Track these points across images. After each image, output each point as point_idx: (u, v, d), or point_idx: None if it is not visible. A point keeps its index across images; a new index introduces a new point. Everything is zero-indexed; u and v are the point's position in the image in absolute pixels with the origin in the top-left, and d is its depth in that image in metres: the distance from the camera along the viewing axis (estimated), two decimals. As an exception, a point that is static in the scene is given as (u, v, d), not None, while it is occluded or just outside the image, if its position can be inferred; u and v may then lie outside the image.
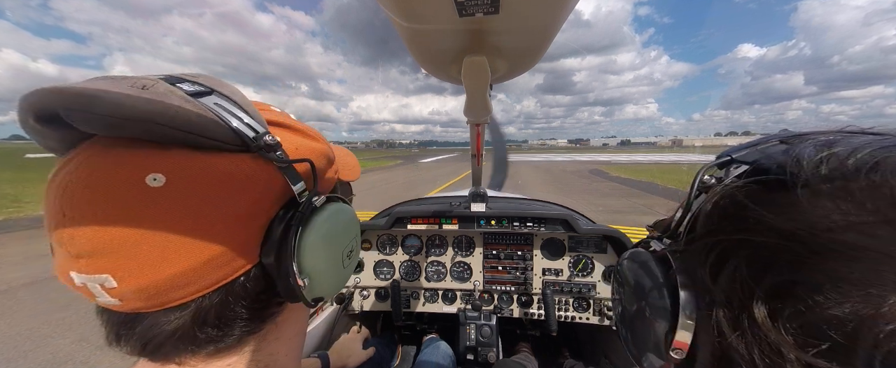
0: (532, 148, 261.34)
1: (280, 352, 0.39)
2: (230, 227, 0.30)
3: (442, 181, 16.34)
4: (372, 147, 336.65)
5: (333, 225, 0.38)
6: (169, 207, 0.27)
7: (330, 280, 0.38)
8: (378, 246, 1.55)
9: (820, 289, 0.18)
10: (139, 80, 0.27)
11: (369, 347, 1.20)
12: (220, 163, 0.29)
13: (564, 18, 0.39)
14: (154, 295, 0.28)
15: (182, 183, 0.28)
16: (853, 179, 0.19)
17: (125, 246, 0.27)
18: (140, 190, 0.26)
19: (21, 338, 2.93)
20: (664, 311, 0.28)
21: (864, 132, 0.22)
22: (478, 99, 0.58)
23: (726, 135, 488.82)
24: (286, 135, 0.37)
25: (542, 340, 1.71)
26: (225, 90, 0.32)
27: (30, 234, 6.23)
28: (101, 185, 0.26)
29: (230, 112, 0.30)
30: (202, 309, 0.31)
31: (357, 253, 0.46)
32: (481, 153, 1.03)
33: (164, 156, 0.28)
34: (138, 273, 0.27)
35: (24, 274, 4.26)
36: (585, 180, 16.51)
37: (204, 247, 0.29)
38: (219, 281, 0.30)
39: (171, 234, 0.27)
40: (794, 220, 0.20)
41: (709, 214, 0.26)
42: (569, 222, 1.34)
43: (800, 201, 0.20)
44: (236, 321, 0.33)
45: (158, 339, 0.30)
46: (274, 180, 0.33)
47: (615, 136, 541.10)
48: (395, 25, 0.40)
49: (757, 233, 0.22)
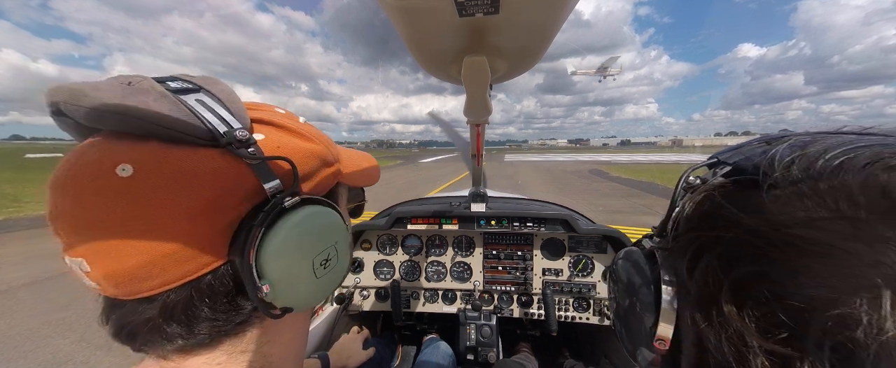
0: (532, 148, 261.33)
1: (274, 354, 0.38)
2: (193, 222, 0.30)
3: (442, 181, 16.34)
4: (372, 147, 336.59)
5: (305, 228, 0.34)
6: (134, 197, 0.28)
7: (298, 289, 0.35)
8: (378, 246, 1.55)
9: (780, 281, 0.20)
10: (127, 78, 0.30)
11: (369, 347, 1.20)
12: (189, 156, 0.30)
13: (564, 18, 0.39)
14: (121, 284, 0.29)
15: (148, 174, 0.28)
16: (818, 179, 0.20)
17: (94, 232, 0.28)
18: (109, 178, 0.28)
19: (21, 338, 2.93)
20: (649, 305, 0.30)
21: (856, 132, 0.23)
22: (478, 99, 0.58)
23: (726, 134, 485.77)
24: (272, 134, 0.36)
25: (542, 340, 1.71)
26: (214, 88, 0.33)
27: (30, 234, 6.23)
28: (80, 172, 0.28)
29: (209, 108, 0.31)
30: (168, 304, 0.30)
31: (339, 263, 0.40)
32: (481, 153, 1.03)
33: (137, 148, 0.29)
34: (105, 260, 0.28)
35: (24, 274, 4.26)
36: (585, 180, 16.51)
37: (165, 240, 0.29)
38: (183, 276, 0.30)
39: (133, 223, 0.28)
40: (761, 218, 0.21)
41: (689, 214, 0.28)
42: (569, 222, 1.35)
43: (767, 200, 0.22)
44: (203, 320, 0.32)
45: (131, 327, 0.31)
46: (244, 177, 0.32)
47: (615, 136, 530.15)
48: (395, 25, 0.40)
49: (728, 230, 0.23)
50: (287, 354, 0.41)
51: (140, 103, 0.28)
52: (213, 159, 0.31)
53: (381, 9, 0.37)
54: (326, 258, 0.38)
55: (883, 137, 0.21)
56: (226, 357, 0.34)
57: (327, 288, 0.40)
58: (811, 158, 0.21)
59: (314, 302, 0.39)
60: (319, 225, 0.36)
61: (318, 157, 0.40)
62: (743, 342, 0.21)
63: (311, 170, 0.39)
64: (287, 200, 0.33)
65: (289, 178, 0.35)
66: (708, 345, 0.24)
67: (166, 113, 0.29)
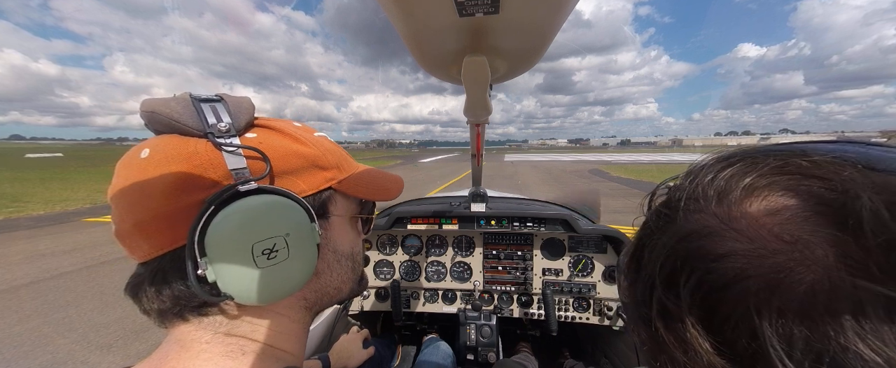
0: (532, 147, 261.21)
1: (274, 343, 0.40)
2: (167, 193, 0.35)
3: (442, 181, 16.34)
4: (372, 147, 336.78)
5: (251, 214, 0.35)
6: (141, 172, 0.35)
7: (236, 275, 0.35)
8: (378, 246, 1.55)
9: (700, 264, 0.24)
10: (180, 94, 0.39)
11: (369, 347, 1.20)
12: (182, 142, 0.37)
13: (564, 18, 0.39)
14: (125, 243, 0.37)
15: (156, 155, 0.36)
16: (707, 202, 0.25)
17: (114, 198, 0.36)
18: (135, 158, 0.37)
19: (21, 338, 2.93)
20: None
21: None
22: (478, 99, 0.58)
23: (726, 134, 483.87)
24: (264, 134, 0.41)
25: (542, 340, 1.71)
26: (232, 100, 0.40)
27: (30, 234, 6.24)
28: (125, 157, 0.38)
29: (215, 111, 0.38)
30: (153, 271, 0.36)
31: (291, 259, 0.39)
32: (481, 153, 1.03)
33: (159, 139, 0.38)
34: (116, 219, 0.37)
35: (25, 274, 4.26)
36: (585, 180, 16.51)
37: (151, 207, 0.35)
38: (161, 247, 0.35)
39: (135, 191, 0.35)
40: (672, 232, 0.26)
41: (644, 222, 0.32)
42: (569, 222, 1.35)
43: (677, 219, 0.26)
44: (170, 294, 0.36)
45: (134, 283, 0.38)
46: (218, 163, 0.36)
47: (615, 136, 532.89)
48: (396, 25, 0.40)
49: (656, 238, 0.27)
50: (290, 348, 0.42)
51: (165, 106, 0.37)
52: (195, 144, 0.36)
53: (382, 9, 0.37)
54: (271, 248, 0.37)
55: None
56: (210, 335, 0.38)
57: (273, 283, 0.38)
58: (703, 185, 0.27)
59: (259, 295, 0.37)
60: (268, 213, 0.37)
61: (305, 158, 0.42)
62: (680, 320, 0.24)
63: (292, 168, 0.41)
64: (242, 186, 0.36)
65: (262, 172, 0.38)
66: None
67: (179, 111, 0.37)
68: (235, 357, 0.37)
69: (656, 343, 0.26)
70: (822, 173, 0.21)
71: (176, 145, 0.36)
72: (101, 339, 2.92)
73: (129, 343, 2.88)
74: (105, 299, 3.56)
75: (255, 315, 0.40)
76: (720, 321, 0.22)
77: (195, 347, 0.37)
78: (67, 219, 7.51)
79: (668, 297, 0.24)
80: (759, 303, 0.20)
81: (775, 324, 0.19)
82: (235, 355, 0.37)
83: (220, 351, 0.37)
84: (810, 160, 0.22)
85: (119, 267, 4.45)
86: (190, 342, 0.37)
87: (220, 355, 0.37)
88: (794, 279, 0.19)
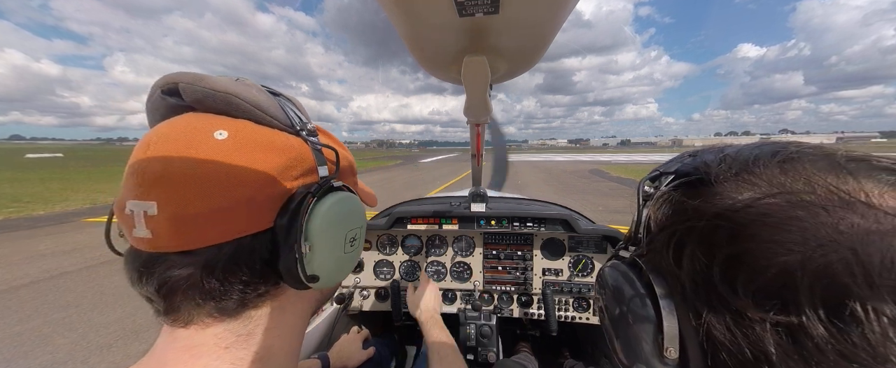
0: (532, 148, 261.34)
1: (275, 346, 0.40)
2: (261, 181, 0.35)
3: (442, 181, 16.34)
4: (372, 147, 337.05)
5: (343, 206, 0.42)
6: (222, 155, 0.33)
7: (329, 258, 0.40)
8: (378, 246, 1.55)
9: (755, 255, 0.22)
10: (234, 77, 0.38)
11: (369, 347, 1.20)
12: (275, 134, 0.38)
13: (564, 18, 0.39)
14: (180, 230, 0.32)
15: (239, 139, 0.35)
16: (749, 169, 0.25)
17: (177, 178, 0.32)
18: (206, 138, 0.34)
19: (21, 338, 2.93)
20: (647, 315, 0.28)
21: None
22: (478, 99, 0.58)
23: (726, 134, 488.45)
24: (324, 137, 0.46)
25: (542, 340, 1.71)
26: (291, 99, 0.44)
27: (30, 234, 6.24)
28: (179, 134, 0.34)
29: (288, 107, 0.42)
30: (211, 260, 0.34)
31: (359, 246, 0.47)
32: (481, 153, 1.03)
33: (233, 122, 0.36)
34: (177, 202, 0.32)
35: (25, 274, 4.26)
36: (585, 180, 16.51)
37: (236, 193, 0.33)
38: (235, 232, 0.34)
39: (215, 175, 0.33)
40: (720, 204, 0.25)
41: (657, 216, 0.30)
42: (569, 222, 1.35)
43: (719, 190, 0.26)
44: (237, 282, 0.35)
45: (172, 282, 0.34)
46: (306, 156, 0.40)
47: (615, 136, 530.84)
48: (396, 25, 0.40)
49: (698, 220, 0.26)
50: (287, 348, 0.43)
51: (247, 91, 0.37)
52: (290, 139, 0.39)
53: (382, 9, 0.37)
54: (354, 237, 0.45)
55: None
56: (234, 338, 0.37)
57: (347, 267, 0.45)
58: (733, 156, 0.27)
59: (336, 277, 0.43)
60: (351, 207, 0.43)
61: (351, 164, 0.49)
62: (746, 319, 0.22)
63: (345, 170, 0.47)
64: (334, 181, 0.42)
65: (333, 168, 0.44)
66: (715, 333, 0.23)
67: (265, 102, 0.38)
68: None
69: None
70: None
71: (265, 134, 0.37)
72: (101, 339, 2.92)
73: (128, 342, 2.88)
74: (105, 299, 3.56)
75: (284, 307, 0.42)
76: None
77: (212, 347, 0.36)
78: (67, 219, 7.51)
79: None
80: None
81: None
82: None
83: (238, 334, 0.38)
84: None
85: (119, 267, 4.44)
86: (211, 346, 0.36)
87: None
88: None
